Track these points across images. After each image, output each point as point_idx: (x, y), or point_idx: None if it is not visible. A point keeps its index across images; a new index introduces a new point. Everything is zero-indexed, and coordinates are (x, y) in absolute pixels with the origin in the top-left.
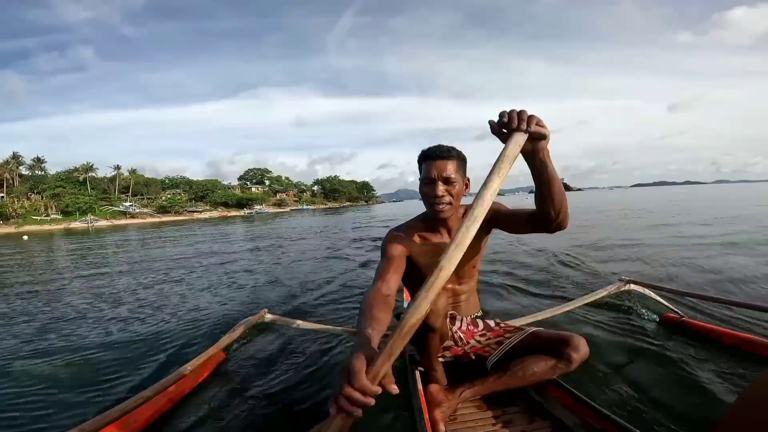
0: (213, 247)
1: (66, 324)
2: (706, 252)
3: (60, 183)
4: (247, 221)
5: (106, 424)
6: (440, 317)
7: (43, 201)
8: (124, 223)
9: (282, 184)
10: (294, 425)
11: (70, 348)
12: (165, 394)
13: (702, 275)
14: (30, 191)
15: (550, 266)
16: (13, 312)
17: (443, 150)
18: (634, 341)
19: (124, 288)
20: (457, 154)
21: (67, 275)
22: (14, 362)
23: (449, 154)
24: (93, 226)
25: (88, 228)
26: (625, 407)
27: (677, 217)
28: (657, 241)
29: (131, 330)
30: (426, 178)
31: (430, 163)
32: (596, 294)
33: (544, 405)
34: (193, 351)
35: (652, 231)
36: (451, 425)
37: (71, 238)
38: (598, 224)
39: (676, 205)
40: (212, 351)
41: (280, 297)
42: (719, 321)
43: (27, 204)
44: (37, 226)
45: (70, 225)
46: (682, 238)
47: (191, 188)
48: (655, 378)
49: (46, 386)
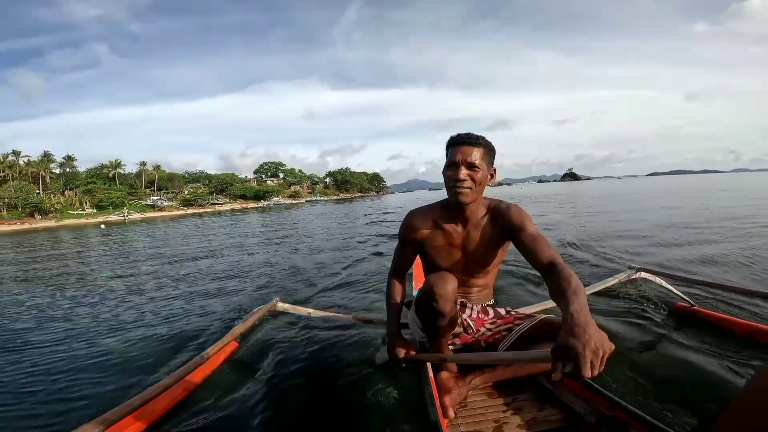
0: (236, 237)
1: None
2: (718, 239)
3: (91, 179)
4: (266, 212)
5: (128, 413)
6: (449, 302)
7: (78, 197)
8: (155, 216)
9: (296, 176)
10: (305, 412)
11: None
12: (182, 383)
13: (713, 263)
14: (64, 187)
15: (561, 253)
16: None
17: (472, 137)
18: (644, 329)
19: (170, 273)
20: (485, 143)
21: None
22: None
23: (477, 141)
24: (128, 219)
25: (124, 220)
26: (634, 395)
27: (692, 204)
28: (668, 227)
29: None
30: (450, 161)
31: (456, 148)
32: (607, 282)
33: (554, 392)
34: (209, 338)
35: (663, 217)
36: (461, 412)
37: (122, 229)
38: (610, 212)
39: (694, 193)
40: (226, 339)
41: (293, 284)
42: (731, 310)
43: (62, 199)
44: (74, 219)
45: (108, 218)
46: (694, 227)
47: (210, 182)
48: (666, 367)
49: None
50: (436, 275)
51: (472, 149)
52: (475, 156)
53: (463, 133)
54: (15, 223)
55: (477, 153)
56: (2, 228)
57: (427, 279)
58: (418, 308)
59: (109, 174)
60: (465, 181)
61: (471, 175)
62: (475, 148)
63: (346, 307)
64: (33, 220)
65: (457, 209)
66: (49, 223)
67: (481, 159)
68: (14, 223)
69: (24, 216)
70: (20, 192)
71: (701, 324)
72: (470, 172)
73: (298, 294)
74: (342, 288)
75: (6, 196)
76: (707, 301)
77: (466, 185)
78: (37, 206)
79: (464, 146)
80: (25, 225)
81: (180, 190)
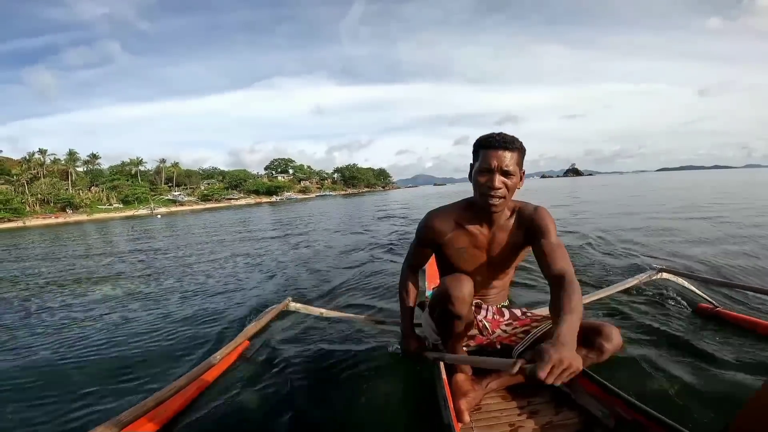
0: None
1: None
2: (742, 238)
3: (115, 176)
4: (278, 206)
5: (143, 414)
6: (466, 305)
7: (104, 192)
8: (177, 210)
9: (305, 172)
10: (316, 412)
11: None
12: (195, 382)
13: (737, 263)
14: (91, 184)
15: (580, 252)
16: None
17: (507, 139)
18: (666, 331)
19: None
20: (519, 145)
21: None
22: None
23: (513, 146)
24: (154, 213)
25: (151, 214)
26: (654, 398)
27: (708, 200)
28: (688, 226)
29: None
30: (485, 167)
31: (491, 153)
32: (627, 282)
33: (571, 395)
34: (224, 338)
35: (682, 215)
36: (476, 415)
37: (154, 222)
38: (629, 209)
39: (707, 188)
40: (239, 340)
41: (305, 283)
42: (755, 312)
43: (90, 195)
44: (104, 214)
45: (137, 212)
46: (715, 224)
47: (224, 178)
48: (687, 368)
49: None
50: (451, 277)
51: (508, 154)
52: (510, 162)
53: (497, 134)
54: (49, 217)
55: (512, 158)
56: (38, 222)
57: (442, 281)
58: (433, 311)
59: (131, 171)
60: (500, 189)
61: (506, 183)
62: (510, 152)
63: (358, 307)
64: (65, 215)
65: (483, 211)
66: (80, 217)
67: (515, 164)
68: (48, 217)
69: (56, 211)
70: (52, 188)
71: (724, 325)
72: (505, 180)
73: (310, 293)
74: (353, 287)
75: (39, 193)
76: (731, 303)
77: (500, 194)
78: (68, 202)
79: (500, 150)
80: (59, 219)
81: (197, 186)
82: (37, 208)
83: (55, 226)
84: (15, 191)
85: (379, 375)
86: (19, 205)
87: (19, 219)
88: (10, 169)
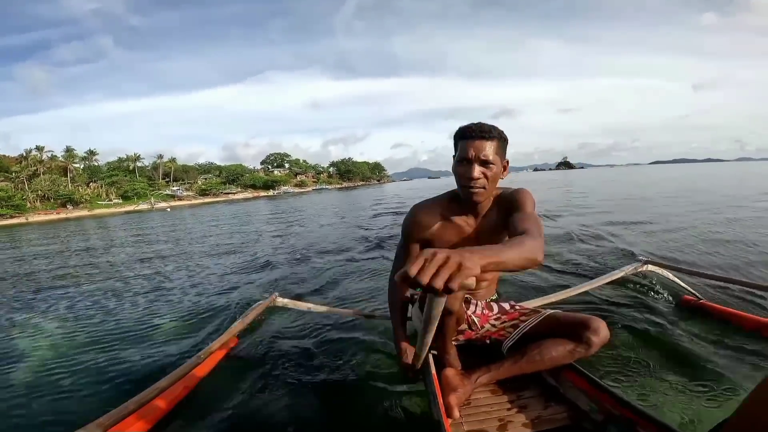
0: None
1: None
2: (728, 230)
3: (113, 172)
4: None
5: (129, 414)
6: (458, 300)
7: (104, 188)
8: (177, 204)
9: (301, 166)
10: (306, 409)
11: None
12: (181, 382)
13: (721, 256)
14: (89, 180)
15: (566, 244)
16: None
17: (484, 129)
18: (651, 323)
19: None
20: (498, 134)
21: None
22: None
23: (490, 135)
24: (155, 208)
25: (151, 209)
26: (639, 391)
27: (697, 194)
28: (676, 218)
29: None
30: (462, 158)
31: (468, 142)
32: (613, 275)
33: (559, 389)
34: (210, 335)
35: (670, 208)
36: (465, 410)
37: (160, 216)
38: (616, 201)
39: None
40: (225, 337)
41: (293, 278)
42: (739, 304)
43: (89, 191)
44: (105, 209)
45: (137, 207)
46: (703, 216)
47: (221, 173)
48: (672, 362)
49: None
50: None
51: (486, 143)
52: (488, 151)
53: (474, 124)
54: (51, 213)
55: (491, 147)
56: (40, 218)
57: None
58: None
59: (129, 167)
60: (479, 180)
61: (485, 173)
62: (488, 142)
63: (346, 301)
64: (66, 210)
65: (467, 202)
66: (81, 212)
67: (494, 153)
68: (50, 213)
69: (57, 207)
70: (52, 185)
71: (708, 318)
72: (484, 170)
73: (297, 288)
74: (342, 282)
75: (39, 189)
76: (714, 295)
77: (479, 184)
78: (69, 198)
79: (477, 140)
80: (60, 215)
81: (194, 180)
82: (38, 204)
83: (57, 222)
84: (15, 188)
85: (368, 370)
86: (21, 202)
87: (22, 215)
88: (8, 166)
